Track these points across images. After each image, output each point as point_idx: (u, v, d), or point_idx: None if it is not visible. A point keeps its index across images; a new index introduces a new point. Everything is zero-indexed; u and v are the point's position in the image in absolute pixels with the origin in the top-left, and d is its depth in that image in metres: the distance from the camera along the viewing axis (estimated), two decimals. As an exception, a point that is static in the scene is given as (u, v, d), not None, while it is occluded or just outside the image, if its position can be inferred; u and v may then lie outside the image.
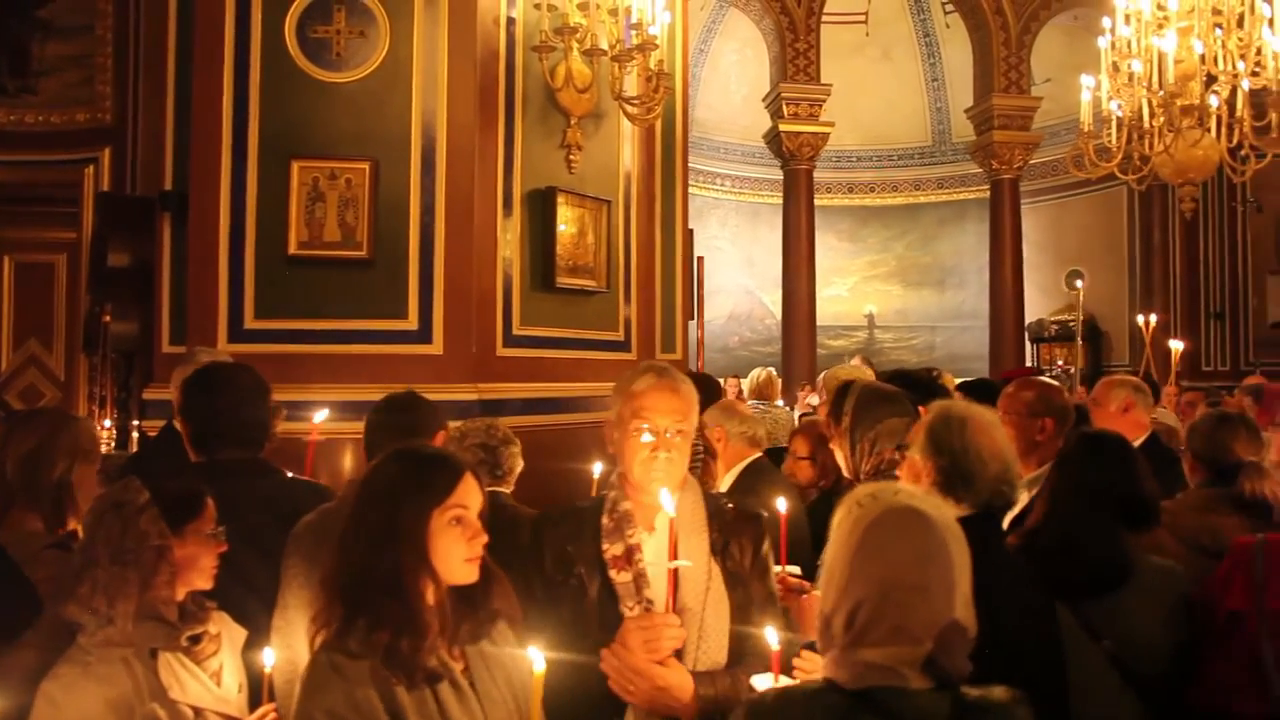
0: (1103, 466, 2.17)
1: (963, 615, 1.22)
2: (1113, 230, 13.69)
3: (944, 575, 1.23)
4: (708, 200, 14.81)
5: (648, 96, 4.46)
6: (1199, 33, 6.16)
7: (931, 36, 14.72)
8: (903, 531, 1.25)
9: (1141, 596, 1.94)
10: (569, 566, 1.90)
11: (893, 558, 1.24)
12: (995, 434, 1.91)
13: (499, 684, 1.63)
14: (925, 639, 1.19)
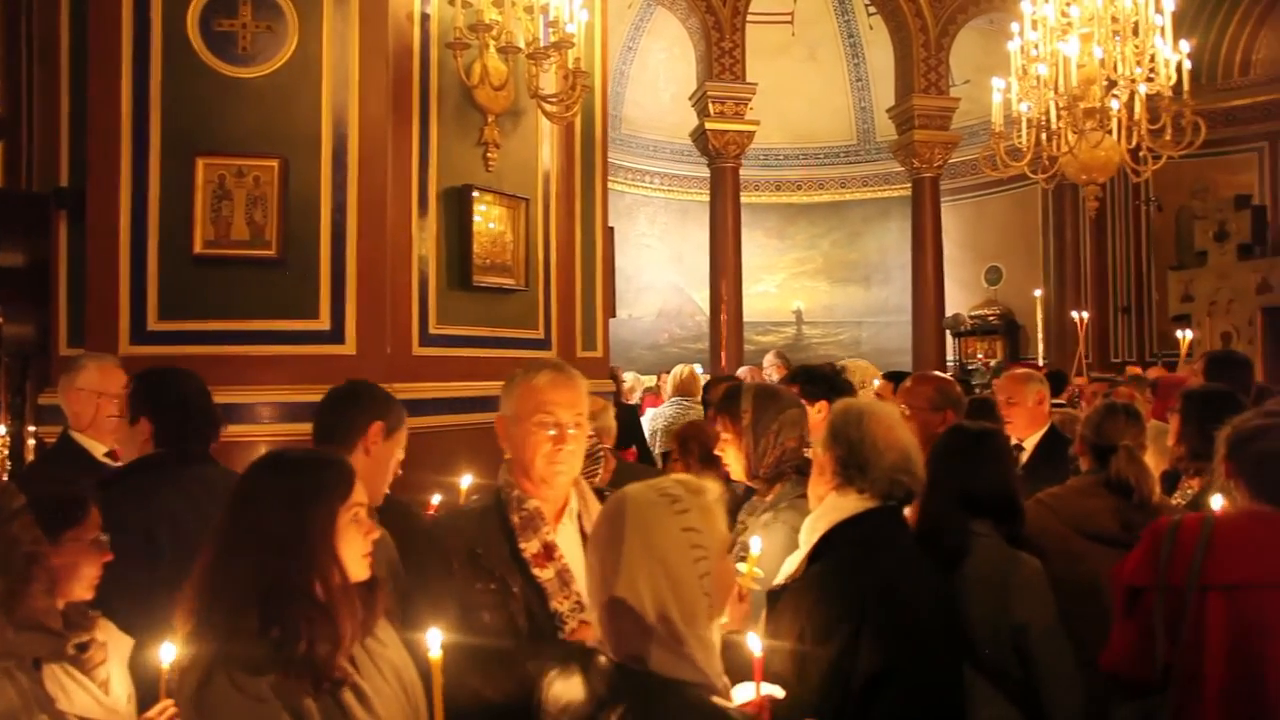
0: (955, 459, 2.27)
1: (629, 597, 1.33)
2: (1028, 227, 14.16)
3: (608, 558, 1.37)
4: (637, 198, 14.86)
5: (566, 94, 4.47)
6: (1099, 39, 6.42)
7: (855, 37, 15.00)
8: (604, 517, 1.44)
9: (970, 582, 2.04)
10: (485, 570, 1.89)
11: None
12: (895, 427, 1.98)
13: (389, 680, 1.63)
14: (595, 609, 1.39)
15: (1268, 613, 1.87)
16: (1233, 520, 2.02)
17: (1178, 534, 2.00)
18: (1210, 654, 1.91)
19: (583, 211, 5.10)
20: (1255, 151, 12.11)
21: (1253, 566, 1.92)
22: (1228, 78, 12.32)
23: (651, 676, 1.33)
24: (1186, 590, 1.94)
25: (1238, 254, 11.80)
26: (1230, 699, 1.88)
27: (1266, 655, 1.85)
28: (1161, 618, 2.00)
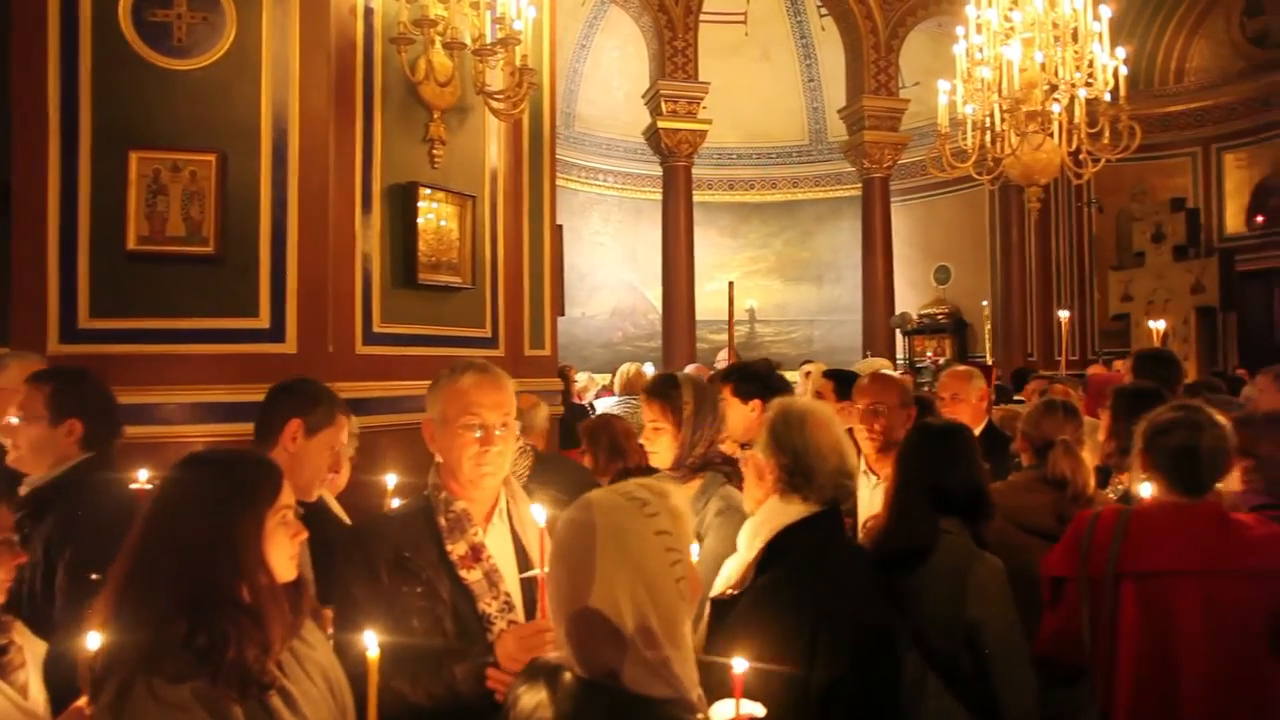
0: (926, 455, 2.30)
1: (605, 607, 1.26)
2: (976, 228, 14.43)
3: (579, 569, 1.30)
4: (591, 196, 14.85)
5: (513, 91, 4.43)
6: (1040, 44, 6.55)
7: (808, 38, 15.15)
8: (563, 527, 1.37)
9: (931, 577, 2.07)
10: (412, 572, 1.87)
11: (554, 549, 1.37)
12: (833, 429, 1.97)
13: (316, 682, 1.61)
14: (562, 623, 1.32)
15: (1175, 598, 1.96)
16: (1146, 511, 2.10)
17: (1096, 526, 2.08)
18: (1124, 639, 2.01)
19: (531, 209, 5.07)
20: (1189, 156, 12.50)
21: (1162, 554, 2.00)
22: (1164, 84, 12.68)
23: (622, 693, 1.27)
24: (1104, 579, 2.02)
25: (1173, 255, 12.16)
26: (1143, 681, 1.97)
27: (1175, 638, 1.94)
28: (1084, 606, 2.07)
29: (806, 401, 2.13)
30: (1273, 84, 11.58)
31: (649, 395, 2.65)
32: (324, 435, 2.37)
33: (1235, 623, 1.91)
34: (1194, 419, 2.09)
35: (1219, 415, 2.12)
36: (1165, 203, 12.49)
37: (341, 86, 3.97)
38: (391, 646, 1.71)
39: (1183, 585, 1.96)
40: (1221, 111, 12.24)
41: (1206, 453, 2.04)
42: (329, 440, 2.37)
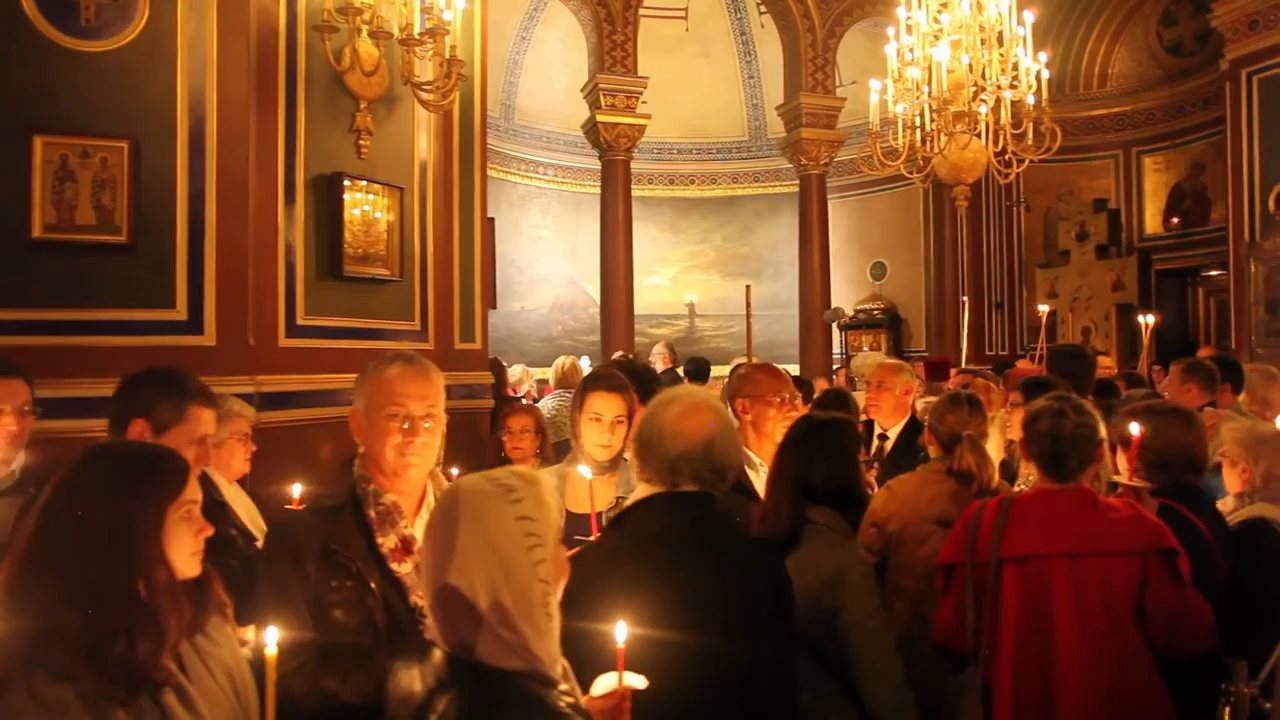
0: (795, 448, 2.34)
1: (463, 585, 1.34)
2: (911, 225, 14.71)
3: (442, 545, 1.38)
4: (531, 189, 14.76)
5: (442, 82, 4.39)
6: (967, 47, 6.72)
7: (748, 35, 15.25)
8: (439, 507, 1.46)
9: (797, 566, 2.11)
10: (341, 566, 1.84)
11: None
12: (690, 417, 1.91)
13: (218, 678, 1.58)
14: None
15: (1051, 579, 2.06)
16: (1024, 498, 2.21)
17: (982, 514, 2.18)
18: (1006, 620, 2.11)
19: (461, 201, 5.02)
20: (1112, 158, 12.92)
21: (1039, 539, 2.10)
22: (1088, 89, 13.08)
23: (479, 666, 1.33)
24: (989, 564, 2.11)
25: (1096, 254, 12.57)
26: (1023, 657, 2.08)
27: (1050, 615, 2.04)
28: (970, 591, 2.15)
29: (687, 390, 2.14)
30: (1186, 91, 12.03)
31: (614, 389, 2.68)
32: (175, 432, 2.27)
33: (1103, 598, 2.02)
34: (1060, 408, 2.20)
35: (1086, 405, 2.23)
36: (1089, 203, 12.89)
37: (262, 74, 3.88)
38: (321, 644, 1.70)
39: (1056, 566, 2.06)
40: (1141, 116, 12.68)
41: (1069, 440, 2.14)
42: (183, 437, 2.26)
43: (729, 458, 1.90)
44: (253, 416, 2.97)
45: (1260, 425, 2.87)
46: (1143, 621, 2.05)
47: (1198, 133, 11.85)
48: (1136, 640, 2.04)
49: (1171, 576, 2.04)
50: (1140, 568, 2.04)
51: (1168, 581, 2.04)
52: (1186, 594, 2.05)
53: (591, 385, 2.83)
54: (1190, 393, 4.31)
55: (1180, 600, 2.05)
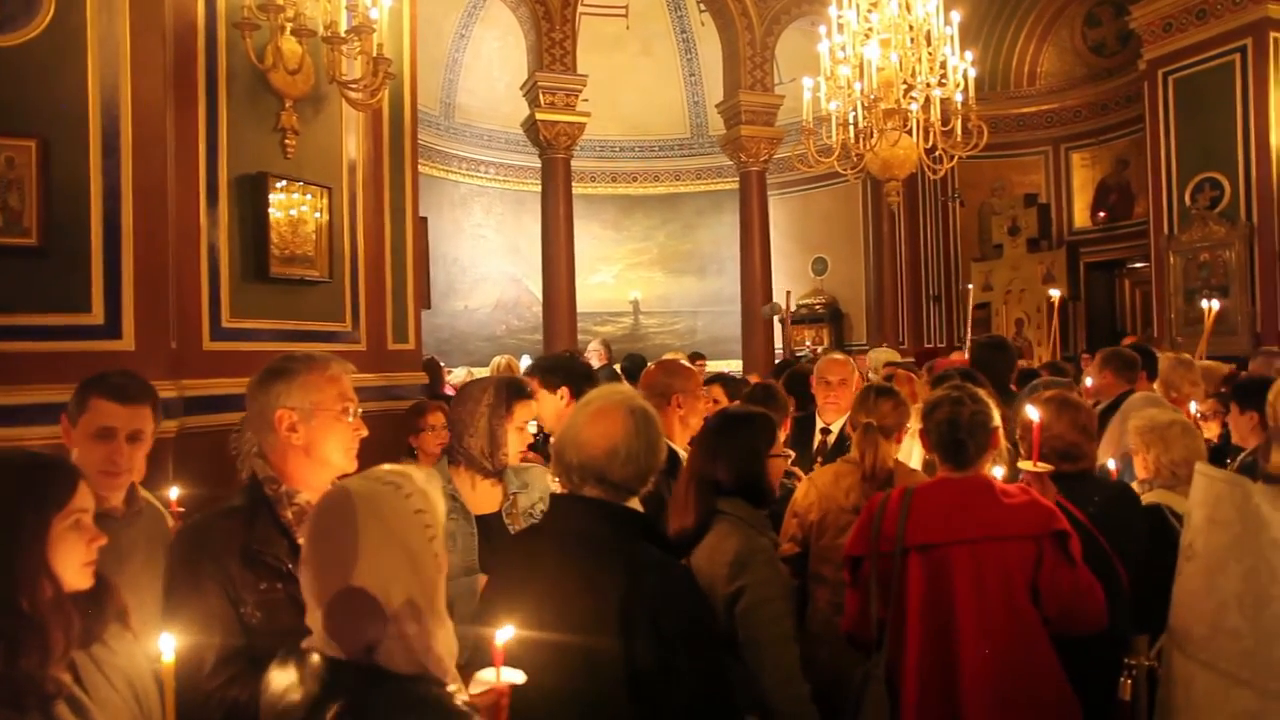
0: (704, 441, 2.38)
1: (369, 585, 1.32)
2: (850, 220, 14.94)
3: (341, 549, 1.35)
4: (472, 188, 14.65)
5: (370, 81, 4.34)
6: (896, 45, 6.84)
7: (688, 33, 15.33)
8: (320, 511, 1.42)
9: (707, 555, 2.16)
10: (268, 568, 1.83)
11: (309, 533, 1.42)
12: (598, 422, 1.86)
13: (118, 687, 1.55)
14: (317, 606, 1.34)
15: (952, 567, 2.13)
16: (926, 487, 2.27)
17: (886, 505, 2.23)
18: (911, 608, 2.17)
19: (392, 201, 4.97)
20: (1041, 154, 13.27)
21: (939, 527, 2.17)
22: (1019, 87, 13.42)
23: (374, 669, 1.32)
24: (894, 554, 2.16)
25: (1028, 247, 12.91)
26: (929, 646, 2.13)
27: (952, 601, 2.10)
28: (875, 581, 2.21)
29: (598, 394, 2.12)
30: (1110, 90, 12.41)
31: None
32: (80, 424, 2.21)
33: (1001, 582, 2.09)
34: (955, 396, 2.26)
35: (983, 394, 2.30)
36: (1020, 198, 13.23)
37: (180, 71, 3.80)
38: (252, 648, 1.69)
39: (956, 553, 2.13)
40: (1068, 114, 13.04)
41: (965, 427, 2.21)
42: (85, 429, 2.20)
43: (633, 467, 1.82)
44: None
45: (1160, 415, 2.99)
46: (1038, 602, 2.12)
47: (1121, 130, 12.24)
48: (1034, 621, 2.11)
49: (1064, 558, 2.11)
50: (1035, 550, 2.11)
51: (1060, 563, 2.11)
52: (1079, 575, 2.12)
53: (520, 395, 2.78)
54: (1109, 380, 4.46)
55: (1073, 581, 2.11)
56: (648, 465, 1.84)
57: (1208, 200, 9.65)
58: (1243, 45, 9.33)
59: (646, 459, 1.83)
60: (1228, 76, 9.45)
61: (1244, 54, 9.32)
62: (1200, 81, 9.71)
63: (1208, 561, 1.71)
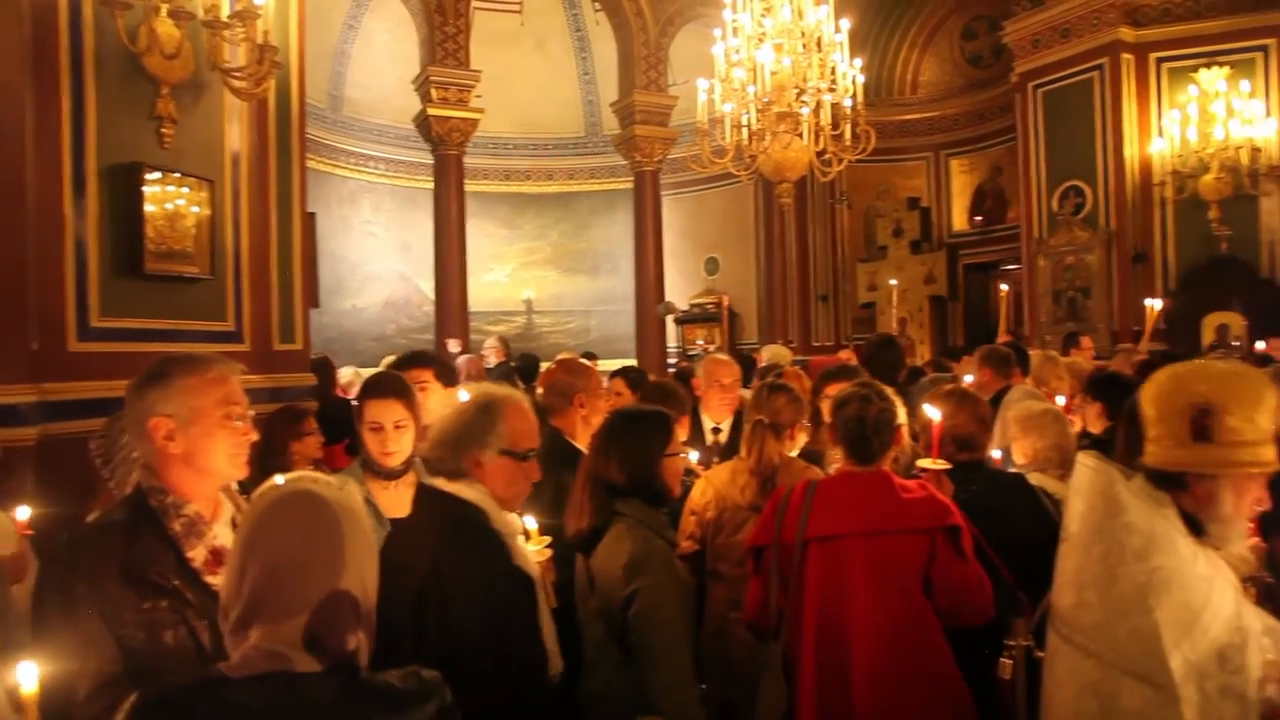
0: (599, 441, 2.39)
1: (353, 588, 1.29)
2: (742, 221, 15.22)
3: (330, 551, 1.29)
4: (361, 184, 14.24)
5: (254, 69, 4.16)
6: (789, 50, 7.00)
7: (583, 31, 15.29)
8: (291, 514, 1.31)
9: (605, 556, 2.16)
10: (153, 585, 1.71)
11: (279, 539, 1.29)
12: (452, 413, 2.09)
13: None
14: (301, 613, 1.24)
15: (847, 558, 2.21)
16: (829, 481, 2.35)
17: (790, 498, 2.29)
18: (809, 598, 2.23)
19: (279, 195, 4.77)
20: (923, 160, 13.85)
21: (839, 519, 2.23)
22: (902, 94, 13.96)
23: (360, 674, 1.29)
24: (794, 545, 2.22)
25: (911, 249, 13.45)
26: (825, 634, 2.21)
27: (848, 592, 2.18)
28: (776, 571, 2.26)
29: (482, 389, 2.16)
30: (986, 100, 13.06)
31: (391, 394, 2.62)
32: None
33: (895, 574, 2.17)
34: (864, 394, 2.35)
35: (888, 392, 2.38)
36: (904, 201, 13.77)
37: (40, 53, 3.55)
38: (134, 671, 1.58)
39: (853, 545, 2.20)
40: (948, 121, 13.65)
41: (872, 424, 2.29)
42: None
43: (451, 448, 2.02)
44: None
45: (1035, 405, 3.19)
46: (930, 594, 2.20)
47: (996, 138, 12.89)
48: (926, 611, 2.19)
49: (955, 552, 2.20)
50: (928, 544, 2.19)
51: (952, 556, 2.20)
52: (969, 568, 2.21)
53: (369, 393, 2.75)
54: (987, 376, 4.68)
55: (963, 574, 2.20)
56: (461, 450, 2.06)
57: (1072, 207, 10.27)
58: (1100, 64, 9.97)
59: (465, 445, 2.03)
60: (1088, 91, 10.08)
61: (1101, 72, 9.97)
62: (1065, 95, 10.32)
63: (1077, 543, 1.82)
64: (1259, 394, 1.70)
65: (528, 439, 2.10)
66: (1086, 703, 1.68)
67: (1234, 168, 9.21)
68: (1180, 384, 1.73)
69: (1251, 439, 1.68)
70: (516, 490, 2.10)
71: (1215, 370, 1.75)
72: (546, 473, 2.19)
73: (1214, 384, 1.69)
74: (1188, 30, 9.70)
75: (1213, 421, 1.66)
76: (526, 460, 2.09)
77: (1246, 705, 1.56)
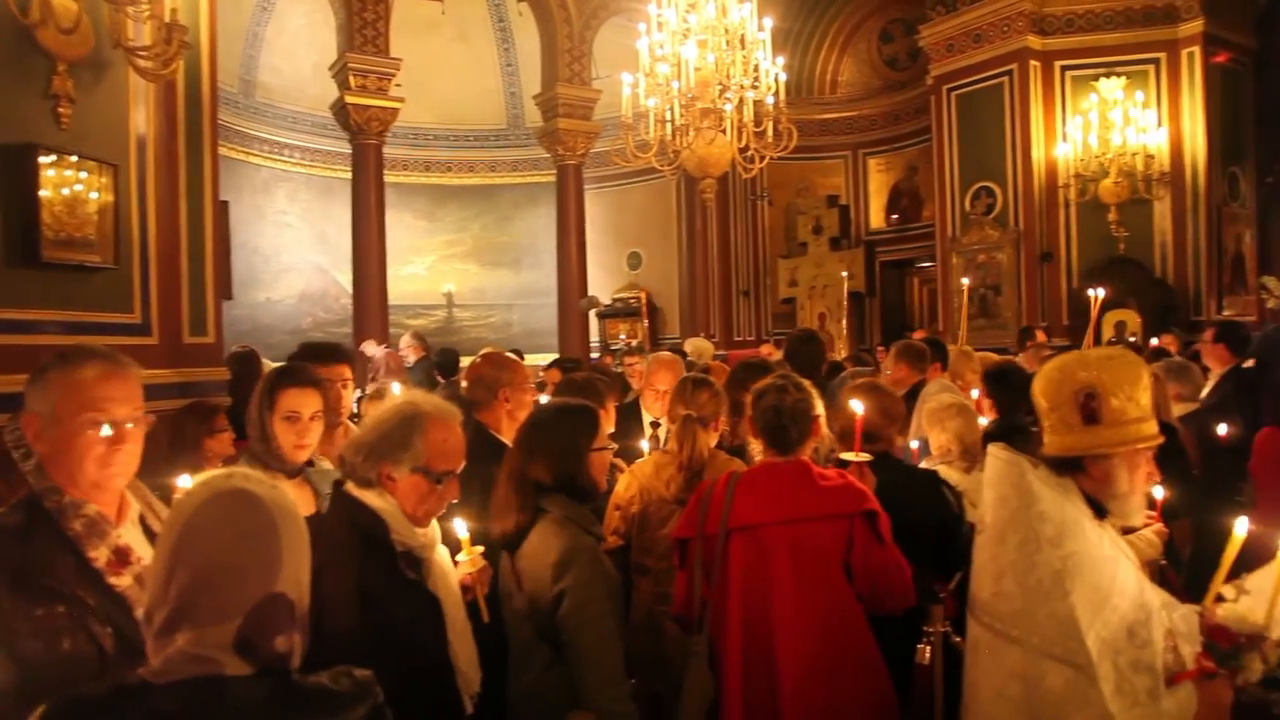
0: (522, 436, 2.37)
1: (289, 590, 1.25)
2: (665, 216, 15.28)
3: (266, 553, 1.24)
4: (275, 172, 13.81)
5: (161, 49, 3.98)
6: (713, 47, 7.06)
7: (506, 22, 15.11)
8: (224, 514, 1.25)
9: (531, 555, 2.14)
10: (48, 590, 1.62)
11: (212, 541, 1.23)
12: (377, 423, 2.03)
13: None
14: (235, 617, 1.19)
15: (768, 546, 2.25)
16: (751, 472, 2.39)
17: (714, 489, 2.32)
18: (733, 587, 2.27)
19: (189, 182, 4.58)
20: (842, 158, 14.15)
21: (761, 508, 2.28)
22: (822, 94, 14.23)
23: (292, 678, 1.24)
24: (718, 536, 2.25)
25: (830, 246, 13.73)
26: (749, 623, 2.25)
27: (772, 581, 2.22)
28: (700, 562, 2.29)
29: (408, 397, 2.11)
30: (902, 101, 13.41)
31: (309, 383, 2.53)
32: None
33: (816, 560, 2.22)
34: (780, 385, 2.39)
35: (806, 383, 2.44)
36: (824, 199, 14.05)
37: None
38: (28, 682, 1.50)
39: (775, 533, 2.24)
40: (866, 121, 13.98)
41: (788, 414, 2.34)
42: None
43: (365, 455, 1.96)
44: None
45: (945, 398, 3.31)
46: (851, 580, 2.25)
47: (912, 139, 13.25)
48: (849, 597, 2.24)
49: (874, 537, 2.25)
50: (846, 529, 2.24)
51: (870, 541, 2.24)
52: (887, 553, 2.26)
53: (287, 381, 2.57)
54: (903, 371, 4.81)
55: (882, 558, 2.25)
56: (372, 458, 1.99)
57: (984, 206, 10.63)
58: (1010, 69, 10.35)
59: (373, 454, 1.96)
60: (998, 96, 10.46)
61: (1011, 77, 10.35)
62: (977, 99, 10.67)
63: (992, 533, 1.89)
64: (1137, 374, 1.81)
65: (447, 460, 1.97)
66: (1012, 687, 1.74)
67: (1131, 173, 9.68)
68: (1065, 373, 1.82)
69: (1135, 416, 1.79)
70: (427, 509, 1.97)
71: (1094, 356, 1.85)
72: (473, 468, 2.14)
73: (1095, 369, 1.79)
74: (1089, 41, 10.15)
75: (1099, 404, 1.76)
76: (441, 483, 1.96)
77: (1155, 675, 1.65)
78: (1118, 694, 1.61)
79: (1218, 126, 9.94)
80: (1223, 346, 5.11)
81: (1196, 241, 9.93)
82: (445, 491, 1.98)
